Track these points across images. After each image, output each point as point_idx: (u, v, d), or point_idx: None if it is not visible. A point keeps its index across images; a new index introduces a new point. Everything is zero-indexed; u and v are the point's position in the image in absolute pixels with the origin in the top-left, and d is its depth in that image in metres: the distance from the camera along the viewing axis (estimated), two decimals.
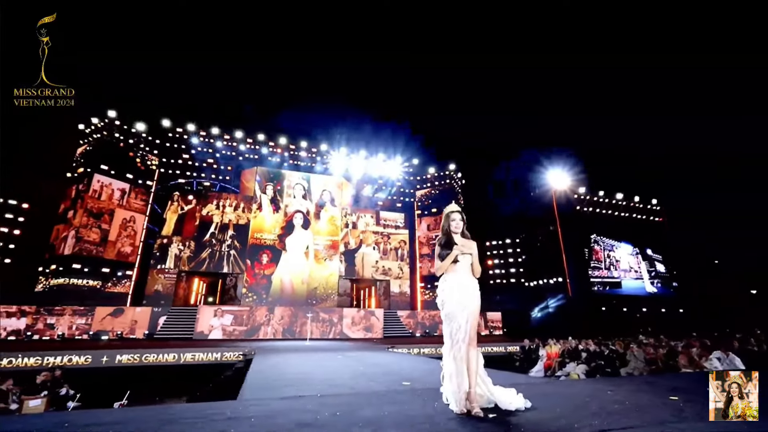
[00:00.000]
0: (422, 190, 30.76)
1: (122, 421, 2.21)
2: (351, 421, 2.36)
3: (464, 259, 2.99)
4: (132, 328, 18.20)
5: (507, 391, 2.84)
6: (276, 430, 2.15)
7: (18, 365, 9.06)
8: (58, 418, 2.38)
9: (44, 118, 20.66)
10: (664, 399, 3.09)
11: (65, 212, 20.65)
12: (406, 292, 27.90)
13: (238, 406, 2.77)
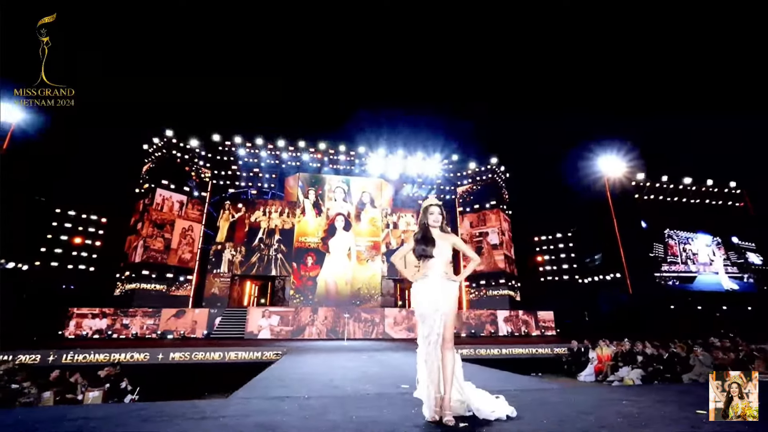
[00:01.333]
0: (463, 186, 29.95)
1: (102, 417, 2.39)
2: (313, 425, 2.34)
3: (439, 257, 2.83)
4: (193, 328, 19.82)
5: (489, 399, 2.63)
6: (236, 430, 2.18)
7: (90, 360, 10.29)
8: (54, 412, 2.63)
9: (114, 142, 23.33)
10: (689, 413, 2.66)
11: (135, 224, 23.11)
12: None
13: (221, 405, 2.86)
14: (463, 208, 29.42)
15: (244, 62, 32.84)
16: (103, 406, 4.23)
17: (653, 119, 27.94)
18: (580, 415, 2.60)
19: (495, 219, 27.97)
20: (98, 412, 2.56)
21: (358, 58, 35.53)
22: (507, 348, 13.07)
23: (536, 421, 2.47)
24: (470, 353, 12.20)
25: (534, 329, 23.35)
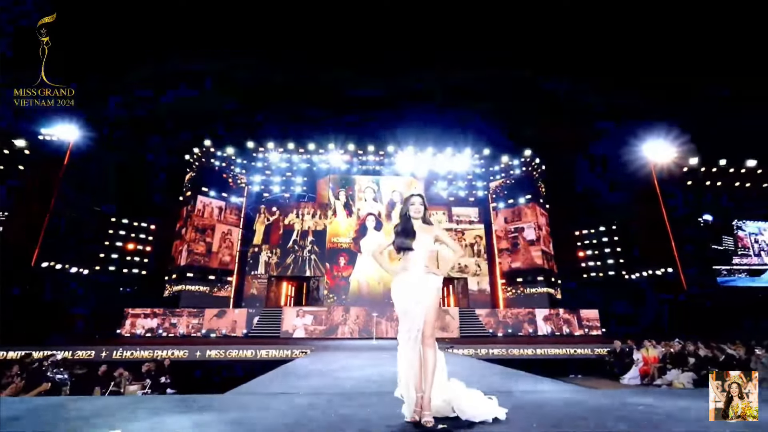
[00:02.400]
0: (496, 181, 28.98)
1: (104, 407, 2.52)
2: (287, 420, 2.31)
3: (419, 249, 2.70)
4: (233, 327, 20.80)
5: (474, 400, 2.47)
6: (208, 422, 2.20)
7: (137, 357, 11.10)
8: None
9: (160, 153, 25.10)
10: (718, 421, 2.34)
11: (180, 230, 24.68)
12: (485, 289, 26.59)
13: (216, 399, 2.92)
14: (496, 204, 28.49)
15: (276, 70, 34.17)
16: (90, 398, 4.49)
17: (707, 93, 25.18)
18: (578, 419, 2.37)
19: (531, 214, 26.81)
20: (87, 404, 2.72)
21: (381, 55, 35.53)
22: (542, 348, 12.44)
23: (525, 424, 2.28)
24: (502, 353, 11.75)
25: (577, 329, 22.09)
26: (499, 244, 27.50)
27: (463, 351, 11.26)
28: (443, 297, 29.42)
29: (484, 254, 27.21)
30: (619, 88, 30.88)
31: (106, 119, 20.93)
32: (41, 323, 16.51)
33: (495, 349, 11.91)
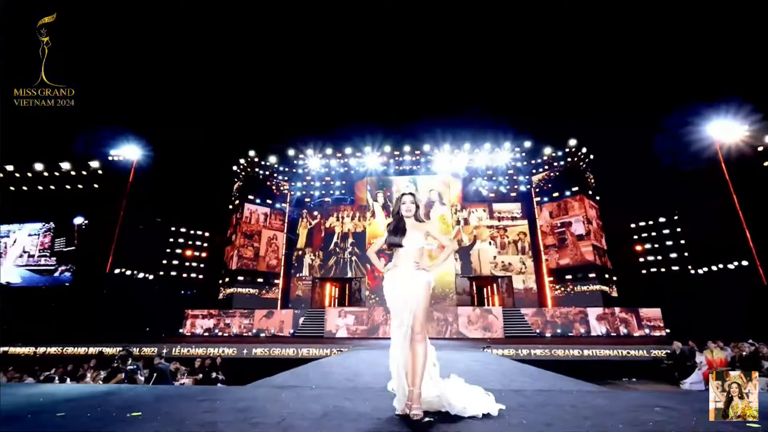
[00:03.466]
0: (539, 174, 27.66)
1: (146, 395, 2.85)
2: (287, 411, 2.46)
3: (409, 246, 2.74)
4: (281, 327, 21.86)
5: (463, 395, 2.46)
6: (215, 409, 2.42)
7: (192, 354, 12.10)
8: None
9: (210, 165, 27.10)
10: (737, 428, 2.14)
11: (230, 236, 26.44)
12: (531, 288, 25.45)
13: (236, 391, 3.17)
14: (540, 198, 27.18)
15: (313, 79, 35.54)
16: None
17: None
18: (578, 419, 2.27)
19: (579, 207, 25.24)
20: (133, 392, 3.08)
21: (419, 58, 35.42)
22: (591, 349, 11.67)
23: (515, 421, 2.23)
24: (545, 354, 11.19)
25: (636, 329, 20.41)
26: (545, 240, 26.19)
27: (501, 351, 10.92)
28: (487, 296, 28.63)
29: (528, 251, 26.07)
30: (677, 61, 28.05)
31: (162, 140, 23.06)
32: (116, 323, 18.61)
33: (537, 349, 11.38)
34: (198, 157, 27.18)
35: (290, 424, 2.18)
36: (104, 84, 24.23)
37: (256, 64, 34.04)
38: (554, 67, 33.14)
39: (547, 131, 26.93)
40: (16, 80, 5.20)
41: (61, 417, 2.37)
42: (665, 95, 26.93)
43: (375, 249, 2.99)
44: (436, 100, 37.20)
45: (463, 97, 36.54)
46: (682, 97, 24.62)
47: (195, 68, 30.95)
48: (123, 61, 27.62)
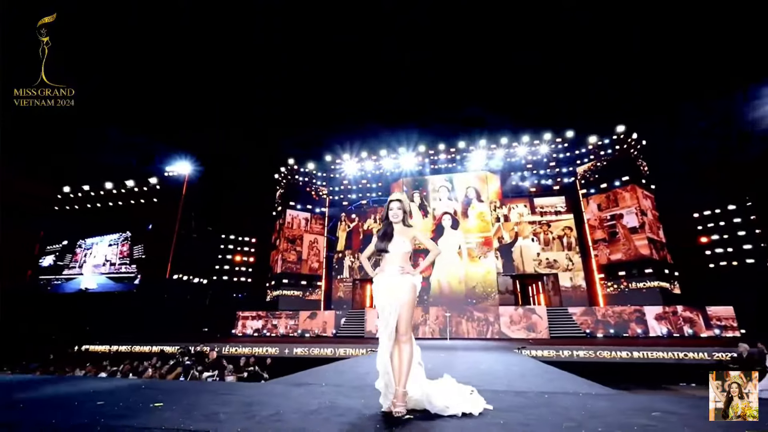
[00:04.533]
0: (584, 165, 26.07)
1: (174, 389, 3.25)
2: (290, 404, 2.69)
3: (394, 251, 2.84)
4: (324, 327, 22.65)
5: (447, 394, 2.52)
6: (226, 402, 2.70)
7: (239, 353, 12.99)
8: None
9: (254, 175, 28.79)
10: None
11: (275, 241, 27.85)
12: (580, 285, 24.04)
13: (247, 387, 3.48)
14: (586, 190, 25.60)
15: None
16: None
17: None
18: (562, 420, 2.24)
19: (630, 197, 23.43)
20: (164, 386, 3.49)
21: None
22: (643, 351, 10.83)
23: (494, 421, 2.25)
24: (588, 356, 10.59)
25: (703, 329, 18.57)
26: (594, 234, 24.62)
27: (539, 352, 10.49)
28: (532, 295, 27.48)
29: (575, 247, 24.66)
30: (739, 29, 24.97)
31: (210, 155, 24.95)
32: (176, 324, 20.47)
33: (580, 351, 10.77)
34: (242, 168, 29.01)
35: (281, 417, 2.39)
36: (158, 108, 26.80)
37: (290, 74, 35.60)
38: (594, 48, 30.98)
39: (590, 119, 25.33)
40: (17, 80, 5.22)
41: (99, 405, 2.79)
42: (729, 69, 24.16)
43: (366, 255, 3.12)
44: (469, 93, 36.42)
45: (497, 90, 35.41)
46: (751, 71, 21.92)
47: (235, 86, 33.12)
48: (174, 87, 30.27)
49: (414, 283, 2.76)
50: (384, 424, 2.25)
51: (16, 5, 6.11)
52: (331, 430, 2.11)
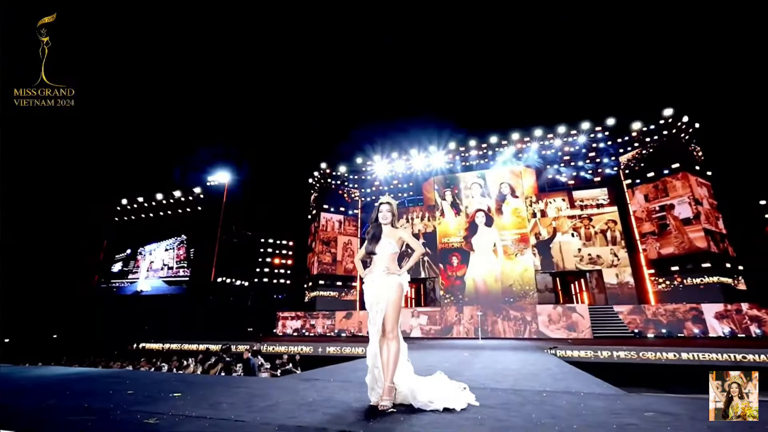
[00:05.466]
0: (628, 153, 24.43)
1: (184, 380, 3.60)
2: (291, 397, 2.90)
3: (381, 253, 2.95)
4: (359, 327, 23.06)
5: (431, 389, 2.59)
6: (235, 394, 2.97)
7: (276, 351, 13.63)
8: None
9: (289, 181, 29.96)
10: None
11: (310, 244, 28.77)
12: (627, 282, 22.52)
13: (261, 382, 3.75)
14: (631, 180, 23.96)
15: None
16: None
17: None
18: (548, 418, 2.24)
19: (682, 186, 21.63)
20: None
21: None
22: (691, 352, 10.01)
23: (474, 416, 2.30)
24: (629, 356, 9.96)
25: None
26: (641, 227, 22.98)
27: (574, 353, 10.02)
28: (575, 292, 26.18)
29: (621, 241, 23.13)
30: None
31: (248, 163, 26.38)
32: (220, 323, 21.86)
33: (621, 351, 10.14)
34: (278, 175, 30.31)
35: (275, 407, 2.59)
36: (199, 122, 28.73)
37: (319, 79, 36.63)
38: (635, 22, 28.86)
39: (632, 104, 23.64)
40: (17, 80, 5.19)
41: (129, 393, 3.16)
42: None
43: (359, 257, 3.25)
44: (498, 84, 35.39)
45: (528, 79, 34.10)
46: None
47: (268, 98, 34.71)
48: (211, 101, 32.29)
49: (400, 283, 2.86)
50: (365, 415, 2.37)
51: (16, 5, 6.10)
52: (315, 419, 2.27)
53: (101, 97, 26.79)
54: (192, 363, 9.52)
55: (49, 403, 2.80)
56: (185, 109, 28.96)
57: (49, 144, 27.30)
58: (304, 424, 2.14)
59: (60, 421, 2.27)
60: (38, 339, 22.80)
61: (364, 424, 2.16)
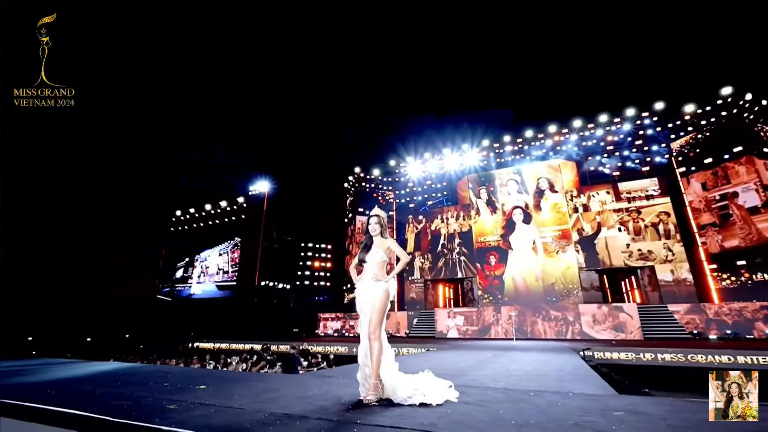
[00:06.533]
0: (681, 138, 22.51)
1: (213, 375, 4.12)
2: (296, 392, 3.27)
3: (370, 261, 3.23)
4: (397, 328, 23.40)
5: (411, 386, 2.82)
6: (248, 387, 3.40)
7: (314, 351, 14.32)
8: None
9: (327, 186, 31.10)
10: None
11: (348, 247, 29.60)
12: (685, 279, 20.74)
13: (279, 378, 4.19)
14: (686, 168, 22.04)
15: None
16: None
17: None
18: (516, 416, 2.40)
19: (747, 171, 19.57)
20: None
21: None
22: (751, 355, 9.14)
23: (442, 411, 2.51)
24: (676, 359, 9.31)
25: None
26: (699, 218, 21.06)
27: (612, 354, 9.55)
28: (626, 291, 24.56)
29: (675, 234, 21.35)
30: None
31: (285, 172, 27.82)
32: (265, 324, 23.25)
33: (666, 354, 9.47)
34: (314, 181, 31.56)
35: (276, 399, 2.97)
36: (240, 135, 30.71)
37: (350, 85, 37.53)
38: None
39: (683, 85, 21.75)
40: (17, 80, 5.21)
41: (165, 385, 3.71)
42: None
43: (353, 265, 3.56)
44: (532, 76, 34.03)
45: (564, 67, 32.46)
46: None
47: (303, 108, 36.22)
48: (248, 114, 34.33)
49: (386, 289, 3.13)
50: (348, 407, 2.67)
51: (16, 5, 6.16)
52: (303, 409, 2.61)
53: (133, 104, 29.52)
54: (234, 361, 10.39)
55: (103, 390, 3.41)
56: (225, 124, 31.18)
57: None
58: (291, 412, 2.49)
59: (105, 404, 2.80)
60: (115, 338, 25.76)
61: (341, 413, 2.46)
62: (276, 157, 30.21)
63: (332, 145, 35.73)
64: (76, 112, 23.51)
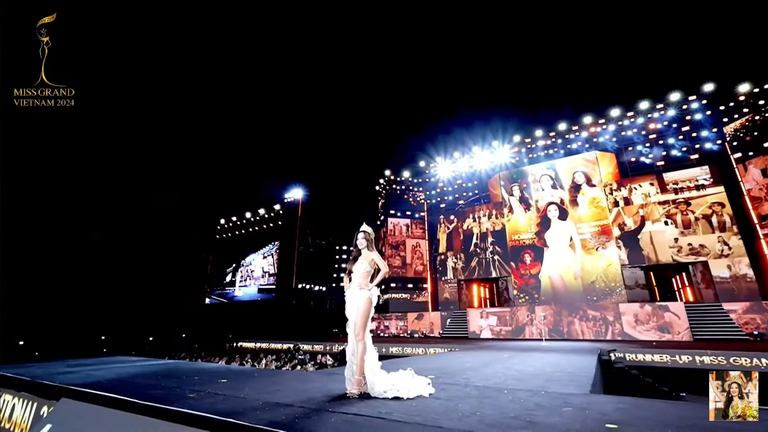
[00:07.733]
0: (735, 122, 20.67)
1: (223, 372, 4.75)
2: (301, 385, 3.77)
3: (356, 272, 3.67)
4: (431, 328, 23.59)
5: (388, 382, 3.19)
6: (256, 382, 3.94)
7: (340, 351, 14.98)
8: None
9: (358, 190, 31.92)
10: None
11: (381, 249, 30.20)
12: (745, 275, 18.98)
13: (290, 375, 4.74)
14: (742, 154, 20.20)
15: None
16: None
17: None
18: (472, 409, 2.70)
19: None
20: None
21: None
22: None
23: (412, 404, 2.86)
24: (716, 362, 8.76)
25: None
26: (759, 208, 19.21)
27: (644, 356, 9.16)
28: (677, 288, 22.88)
29: (732, 227, 19.62)
30: None
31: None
32: (303, 325, 24.45)
33: (705, 356, 8.92)
34: (346, 186, 32.50)
35: (277, 392, 3.47)
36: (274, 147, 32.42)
37: (378, 90, 38.11)
38: None
39: (736, 64, 19.92)
40: (18, 80, 5.18)
41: (195, 378, 4.38)
42: None
43: (345, 275, 3.99)
44: (564, 65, 32.51)
45: (599, 53, 30.70)
46: None
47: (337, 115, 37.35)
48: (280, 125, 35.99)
49: (369, 297, 3.54)
50: (331, 399, 3.10)
51: (16, 5, 6.25)
52: (294, 399, 3.08)
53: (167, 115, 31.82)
54: (266, 359, 11.26)
55: (140, 381, 4.12)
56: (257, 133, 33.05)
57: None
58: (282, 401, 2.97)
59: (141, 392, 3.46)
60: (172, 338, 28.34)
61: (322, 404, 2.90)
62: (308, 164, 31.65)
63: (363, 150, 36.57)
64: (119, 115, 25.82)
